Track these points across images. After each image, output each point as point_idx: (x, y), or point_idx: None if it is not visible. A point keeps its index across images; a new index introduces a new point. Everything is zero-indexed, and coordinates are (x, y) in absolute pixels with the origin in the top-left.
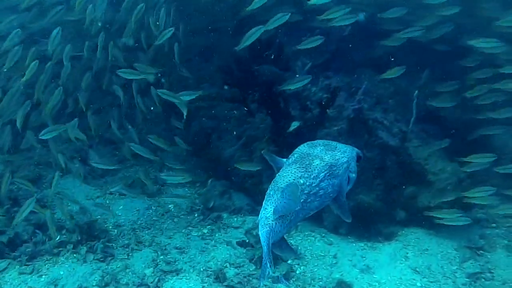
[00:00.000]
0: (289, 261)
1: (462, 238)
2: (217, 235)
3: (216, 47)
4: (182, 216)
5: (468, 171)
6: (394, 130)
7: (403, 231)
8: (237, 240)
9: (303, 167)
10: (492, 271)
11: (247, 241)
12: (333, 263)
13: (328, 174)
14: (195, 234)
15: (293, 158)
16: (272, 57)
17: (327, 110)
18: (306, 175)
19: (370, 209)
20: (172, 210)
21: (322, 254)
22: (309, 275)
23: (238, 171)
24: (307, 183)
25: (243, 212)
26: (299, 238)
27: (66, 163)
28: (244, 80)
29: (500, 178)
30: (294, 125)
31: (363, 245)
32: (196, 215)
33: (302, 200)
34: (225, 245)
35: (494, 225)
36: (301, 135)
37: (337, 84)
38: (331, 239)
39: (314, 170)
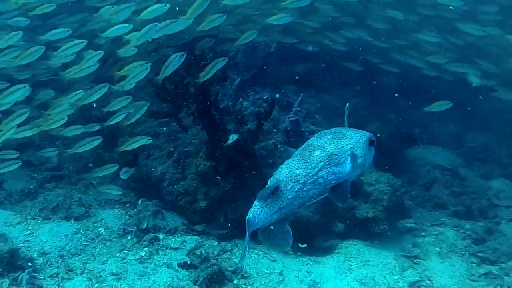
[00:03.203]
0: (234, 281)
1: (397, 247)
2: (155, 257)
3: None
4: (114, 239)
5: None
6: None
7: (343, 244)
8: (178, 261)
9: (302, 158)
10: (431, 278)
11: (189, 262)
12: (280, 280)
13: (327, 163)
14: (132, 258)
15: (298, 150)
16: None
17: (263, 122)
18: (303, 166)
19: (309, 223)
20: (103, 233)
21: (268, 271)
22: None
23: (171, 189)
24: (303, 174)
25: (179, 232)
26: None
27: None
28: (176, 94)
29: None
30: (232, 138)
31: (306, 259)
32: (129, 237)
33: (296, 189)
34: (166, 268)
35: (423, 233)
36: (239, 149)
37: (270, 98)
38: (274, 255)
39: (313, 160)
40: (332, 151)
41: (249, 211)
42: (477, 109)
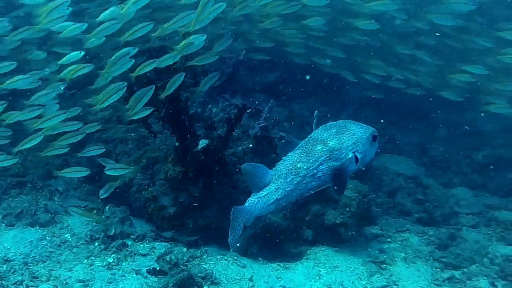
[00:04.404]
0: (204, 287)
1: (364, 253)
2: (124, 264)
3: None
4: (81, 246)
5: None
6: None
7: (312, 249)
8: (147, 268)
9: (304, 152)
10: (397, 283)
11: (158, 268)
12: (250, 286)
13: (327, 157)
14: (99, 264)
15: (301, 143)
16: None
17: (233, 128)
18: (305, 160)
19: (278, 229)
20: (70, 239)
21: (238, 277)
22: None
23: (139, 195)
24: (305, 167)
25: (147, 239)
26: (212, 262)
27: None
28: None
29: None
30: (203, 143)
31: (276, 265)
32: (97, 244)
33: (296, 182)
34: (135, 274)
35: (389, 239)
36: (209, 154)
37: (240, 104)
38: (244, 261)
39: (315, 155)
40: (334, 146)
41: (247, 201)
42: (438, 121)
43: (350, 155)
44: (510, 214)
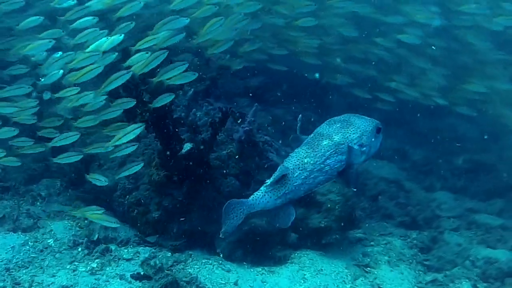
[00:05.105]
0: None
1: (348, 257)
2: (108, 269)
3: None
4: (64, 251)
5: None
6: (283, 153)
7: (297, 253)
8: (131, 273)
9: (311, 148)
10: (381, 286)
11: (142, 273)
12: None
13: (334, 152)
14: (83, 270)
15: (307, 139)
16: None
17: (218, 132)
18: (312, 155)
19: (263, 233)
20: (53, 245)
21: (223, 282)
22: None
23: (123, 200)
24: (311, 162)
25: (131, 244)
26: (197, 266)
27: None
28: None
29: None
30: (187, 147)
31: (260, 269)
32: (80, 249)
33: (303, 177)
34: (119, 279)
35: (372, 243)
36: (193, 158)
37: (224, 108)
38: (228, 266)
39: (321, 149)
40: (339, 140)
41: (253, 194)
42: (418, 127)
43: (355, 148)
44: (490, 217)
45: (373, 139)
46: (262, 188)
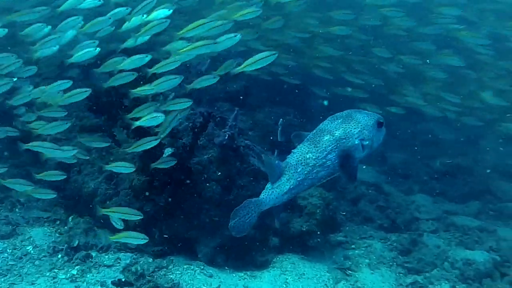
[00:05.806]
0: None
1: (329, 260)
2: (88, 275)
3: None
4: (44, 258)
5: None
6: (263, 157)
7: (279, 258)
8: (112, 279)
9: (313, 143)
10: None
11: (123, 279)
12: None
13: (335, 147)
14: (63, 277)
15: (310, 135)
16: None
17: (199, 136)
18: (313, 150)
19: (245, 237)
20: (32, 252)
21: (205, 287)
22: None
23: (104, 205)
24: (313, 157)
25: (112, 250)
26: (179, 272)
27: None
28: (111, 107)
29: None
30: (167, 152)
31: (242, 274)
32: (60, 256)
33: (306, 172)
34: (99, 286)
35: (353, 246)
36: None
37: (206, 112)
38: (210, 271)
39: (322, 145)
40: (340, 135)
41: (262, 192)
42: (397, 131)
43: (356, 142)
44: (467, 219)
45: (374, 133)
46: (268, 186)
